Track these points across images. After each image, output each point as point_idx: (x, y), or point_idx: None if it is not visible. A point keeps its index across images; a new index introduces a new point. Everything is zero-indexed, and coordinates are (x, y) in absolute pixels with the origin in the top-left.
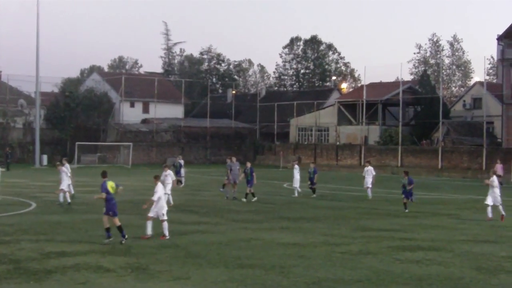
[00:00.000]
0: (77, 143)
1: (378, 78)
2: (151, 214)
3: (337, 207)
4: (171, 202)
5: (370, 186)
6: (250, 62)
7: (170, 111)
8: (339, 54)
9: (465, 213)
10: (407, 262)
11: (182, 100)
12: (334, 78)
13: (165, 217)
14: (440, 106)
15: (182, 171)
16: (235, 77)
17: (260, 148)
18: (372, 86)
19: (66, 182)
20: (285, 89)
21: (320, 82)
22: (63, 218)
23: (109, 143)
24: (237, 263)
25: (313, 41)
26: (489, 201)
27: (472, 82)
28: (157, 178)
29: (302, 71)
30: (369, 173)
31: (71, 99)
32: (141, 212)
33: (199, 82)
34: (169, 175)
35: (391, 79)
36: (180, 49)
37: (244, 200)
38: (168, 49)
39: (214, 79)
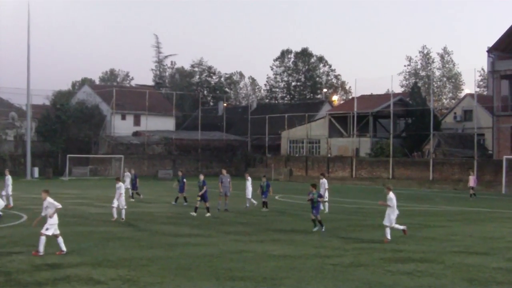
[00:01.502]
0: (68, 155)
1: (369, 90)
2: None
3: (328, 219)
4: (123, 216)
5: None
6: (241, 75)
7: (161, 124)
8: (330, 66)
9: (457, 225)
10: (398, 274)
11: (173, 112)
12: (325, 90)
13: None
14: (431, 118)
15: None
16: (226, 89)
17: (251, 160)
18: (363, 98)
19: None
20: (276, 101)
21: (311, 95)
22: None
23: (101, 155)
24: (228, 275)
25: (304, 54)
26: (386, 221)
27: (462, 94)
28: (46, 192)
29: (293, 83)
30: (323, 186)
31: (62, 111)
32: (134, 225)
33: (190, 94)
34: (120, 188)
35: (382, 91)
36: (171, 61)
37: (265, 209)
38: (159, 62)
39: (205, 92)
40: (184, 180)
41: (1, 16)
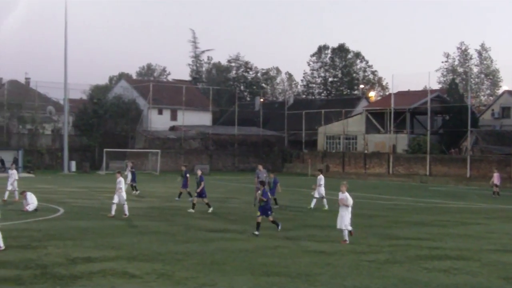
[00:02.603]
0: (105, 149)
1: (406, 86)
2: None
3: (365, 215)
4: (126, 212)
5: (318, 196)
6: (278, 70)
7: (198, 119)
8: (367, 62)
9: (494, 223)
10: (434, 271)
11: (210, 107)
12: (362, 86)
13: None
14: (468, 115)
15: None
16: (263, 85)
17: (288, 156)
18: (400, 94)
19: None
20: (313, 97)
21: (348, 90)
22: (90, 224)
23: (137, 150)
24: (263, 270)
25: (341, 50)
26: (341, 224)
27: (500, 91)
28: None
29: (330, 79)
30: (318, 182)
31: (99, 106)
32: (169, 219)
33: (227, 89)
34: (120, 182)
35: (419, 87)
36: (208, 56)
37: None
38: (196, 57)
39: (242, 87)
40: (187, 175)
41: (39, 11)
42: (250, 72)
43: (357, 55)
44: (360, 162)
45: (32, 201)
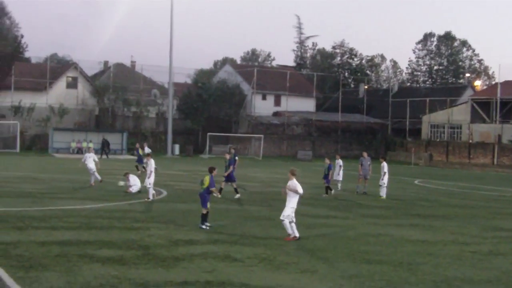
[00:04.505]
0: (208, 133)
1: None
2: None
3: (468, 206)
4: (150, 196)
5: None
6: (382, 57)
7: (301, 105)
8: (474, 51)
9: None
10: None
11: (313, 93)
12: (467, 75)
13: None
14: None
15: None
16: (367, 72)
17: (391, 144)
18: (507, 84)
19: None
20: (417, 85)
21: (453, 79)
22: (192, 207)
23: (241, 134)
24: (364, 258)
25: (447, 37)
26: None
27: None
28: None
29: (435, 67)
30: (337, 165)
31: (203, 90)
32: (271, 204)
33: (331, 76)
34: (151, 165)
35: None
36: (313, 42)
37: (326, 195)
38: (301, 43)
39: (346, 74)
40: (236, 157)
41: None
42: (355, 59)
43: (464, 43)
44: (464, 152)
45: (135, 182)
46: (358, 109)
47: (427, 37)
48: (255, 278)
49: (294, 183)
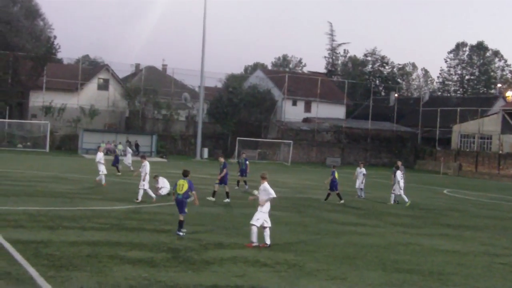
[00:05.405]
0: (238, 138)
1: None
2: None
3: (498, 217)
4: (153, 196)
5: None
6: (414, 66)
7: (331, 111)
8: (506, 61)
9: None
10: None
11: (344, 100)
12: (499, 85)
13: None
14: None
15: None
16: (399, 80)
17: (421, 152)
18: None
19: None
20: (448, 94)
21: (485, 89)
22: (222, 211)
23: (270, 139)
24: (394, 267)
25: (479, 47)
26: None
27: None
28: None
29: (466, 77)
30: (361, 173)
31: (234, 94)
32: (301, 210)
33: (362, 83)
34: (145, 166)
35: None
36: (344, 50)
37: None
38: (332, 50)
39: (377, 82)
40: (247, 162)
41: (180, 3)
42: (386, 67)
43: (496, 53)
44: (494, 162)
45: (164, 185)
46: (388, 117)
47: (459, 46)
48: (284, 284)
49: (265, 186)
